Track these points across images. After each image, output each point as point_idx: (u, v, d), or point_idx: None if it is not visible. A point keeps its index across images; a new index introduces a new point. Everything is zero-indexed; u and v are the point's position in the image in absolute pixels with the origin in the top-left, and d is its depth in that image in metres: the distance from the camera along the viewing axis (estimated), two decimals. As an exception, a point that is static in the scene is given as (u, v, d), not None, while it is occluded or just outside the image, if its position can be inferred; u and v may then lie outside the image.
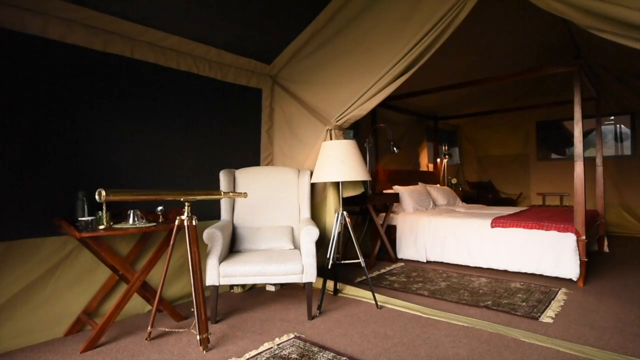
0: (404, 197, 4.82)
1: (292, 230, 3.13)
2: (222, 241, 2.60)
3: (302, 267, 2.59)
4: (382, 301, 2.91)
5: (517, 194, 7.25)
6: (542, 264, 3.44)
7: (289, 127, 3.74)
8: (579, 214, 3.34)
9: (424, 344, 2.19)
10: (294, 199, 3.27)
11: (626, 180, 6.08)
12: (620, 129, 6.30)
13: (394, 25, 2.99)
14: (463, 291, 3.16)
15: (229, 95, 3.49)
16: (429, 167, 6.79)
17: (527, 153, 7.26)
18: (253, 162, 3.69)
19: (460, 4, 2.63)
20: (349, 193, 3.36)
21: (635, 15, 1.95)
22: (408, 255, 4.37)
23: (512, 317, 2.59)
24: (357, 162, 2.87)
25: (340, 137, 3.40)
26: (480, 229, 3.88)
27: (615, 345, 2.13)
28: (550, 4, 2.27)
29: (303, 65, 3.58)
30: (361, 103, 3.18)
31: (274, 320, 2.60)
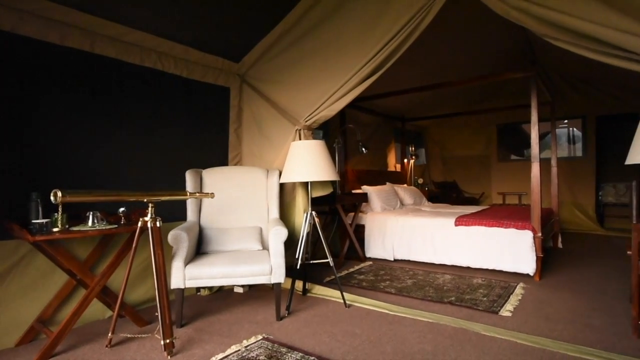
0: (372, 197, 4.90)
1: (260, 230, 3.10)
2: (188, 243, 2.53)
3: (270, 268, 2.57)
4: (350, 300, 2.94)
5: (480, 193, 7.54)
6: (502, 260, 3.61)
7: (257, 126, 3.71)
8: (535, 212, 3.53)
9: (390, 341, 2.23)
10: (262, 199, 3.24)
11: (578, 180, 6.47)
12: (573, 132, 6.70)
13: (362, 28, 3.03)
14: (428, 288, 3.25)
15: (196, 93, 3.42)
16: (396, 168, 6.93)
17: (489, 154, 7.57)
18: (221, 162, 3.63)
19: (426, 9, 2.70)
20: (318, 193, 3.38)
21: (586, 25, 2.09)
22: (376, 254, 4.44)
23: (474, 311, 2.69)
24: (326, 162, 2.89)
25: (309, 137, 3.41)
26: (444, 227, 4.01)
27: (567, 336, 2.26)
28: (509, 11, 2.38)
29: (272, 65, 3.56)
30: (330, 103, 3.20)
31: (242, 322, 2.57)
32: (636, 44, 1.96)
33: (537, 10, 2.23)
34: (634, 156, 1.61)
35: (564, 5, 2.14)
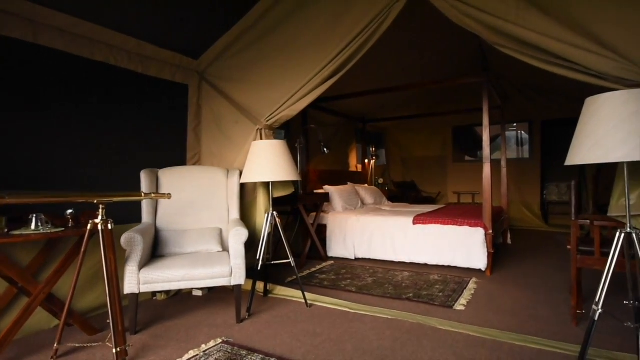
0: (334, 197, 4.95)
1: (220, 232, 3.04)
2: (143, 245, 2.43)
3: (230, 270, 2.53)
4: (312, 299, 2.95)
5: (437, 192, 7.83)
6: (457, 257, 3.77)
7: (217, 125, 3.63)
8: (487, 210, 3.72)
9: (350, 339, 2.27)
10: (222, 199, 3.17)
11: (525, 180, 6.90)
12: (521, 135, 7.13)
13: (323, 29, 3.05)
14: (388, 285, 3.34)
15: (152, 90, 3.29)
16: (357, 168, 7.05)
17: (445, 155, 7.89)
18: (179, 161, 3.51)
19: (386, 12, 2.77)
20: (279, 193, 3.36)
21: (531, 35, 2.23)
22: (338, 253, 4.49)
23: (430, 307, 2.79)
24: (288, 162, 2.88)
25: (270, 137, 3.38)
26: (403, 226, 4.13)
27: (514, 326, 2.41)
28: (462, 19, 2.49)
29: (233, 63, 3.50)
30: (292, 103, 3.20)
31: (200, 326, 2.51)
32: (574, 54, 2.13)
33: (487, 18, 2.36)
34: (572, 158, 1.75)
35: (512, 16, 2.28)
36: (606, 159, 1.60)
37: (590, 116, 1.70)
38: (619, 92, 1.65)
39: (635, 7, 2.03)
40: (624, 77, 2.03)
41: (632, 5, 2.03)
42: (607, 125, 1.61)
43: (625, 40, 2.05)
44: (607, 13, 2.10)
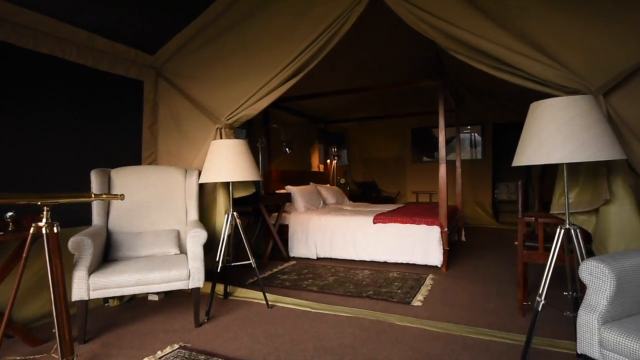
0: (296, 197, 4.94)
1: (178, 233, 2.94)
2: (93, 249, 2.30)
3: (188, 273, 2.46)
4: (273, 300, 2.93)
5: (396, 192, 8.05)
6: (415, 254, 3.90)
7: (175, 124, 3.51)
8: (442, 209, 3.88)
9: (311, 338, 2.28)
10: (180, 200, 3.08)
11: (478, 180, 7.25)
12: (474, 137, 7.49)
13: (285, 29, 3.04)
14: (349, 284, 3.38)
15: (103, 85, 3.12)
16: (319, 168, 7.09)
17: (404, 156, 8.12)
18: (133, 161, 3.36)
19: (346, 15, 2.81)
20: (240, 193, 3.31)
21: (482, 42, 2.35)
22: (300, 253, 4.49)
23: (389, 303, 2.87)
24: (248, 162, 2.84)
25: (231, 136, 3.32)
26: (364, 225, 4.20)
27: (467, 320, 2.52)
28: (418, 24, 2.59)
29: (192, 60, 3.40)
30: (252, 103, 3.16)
31: (156, 332, 2.41)
32: (521, 61, 2.27)
33: (441, 24, 2.47)
34: (518, 159, 1.86)
35: (464, 23, 2.39)
36: (548, 160, 1.71)
37: (534, 120, 1.82)
38: (559, 98, 1.78)
39: (574, 21, 2.20)
40: (564, 85, 2.19)
41: (571, 19, 2.20)
42: (549, 129, 1.73)
43: (566, 51, 2.22)
44: (551, 26, 2.26)
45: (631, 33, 2.06)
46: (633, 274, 1.51)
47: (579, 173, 2.18)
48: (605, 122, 1.74)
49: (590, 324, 1.46)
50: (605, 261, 1.50)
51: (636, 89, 2.07)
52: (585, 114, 1.71)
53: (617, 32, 2.09)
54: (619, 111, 2.09)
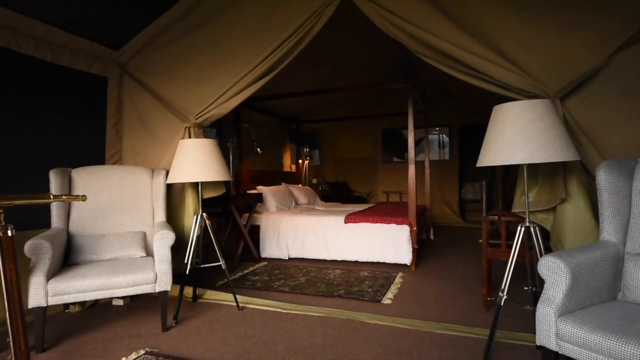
0: (267, 197, 4.91)
1: (144, 235, 2.85)
2: (52, 253, 2.19)
3: (155, 276, 2.38)
4: (243, 302, 2.89)
5: (367, 192, 8.15)
6: (385, 253, 3.96)
7: (141, 122, 3.40)
8: (412, 208, 3.96)
9: (282, 339, 2.27)
10: (147, 201, 2.98)
11: (446, 179, 7.47)
12: (442, 138, 7.70)
13: (256, 27, 3.01)
14: (320, 284, 3.40)
15: (64, 81, 2.98)
16: (291, 168, 7.07)
17: (375, 156, 8.23)
18: (97, 160, 3.23)
19: (318, 15, 2.82)
20: (209, 194, 3.24)
21: (448, 46, 2.42)
22: (271, 254, 4.46)
23: (360, 302, 2.90)
24: (218, 161, 2.79)
25: (200, 135, 3.26)
26: (335, 225, 4.23)
27: (435, 316, 2.59)
28: (388, 27, 2.63)
29: (159, 56, 3.30)
30: (222, 102, 3.11)
31: (121, 338, 2.33)
32: (485, 66, 2.35)
33: (410, 28, 2.52)
34: (481, 160, 1.93)
35: (431, 27, 2.46)
36: (509, 161, 1.79)
37: (496, 122, 1.90)
38: (520, 102, 1.86)
39: (533, 29, 2.30)
40: (525, 89, 2.29)
41: (531, 28, 2.31)
42: (510, 131, 1.81)
43: (526, 57, 2.32)
44: (512, 33, 2.35)
45: (585, 42, 2.19)
46: (587, 268, 1.60)
47: (538, 173, 2.29)
48: (562, 125, 1.84)
49: (547, 317, 1.54)
50: (561, 257, 1.58)
51: (589, 95, 2.20)
52: (543, 117, 1.80)
53: (572, 41, 2.22)
54: (574, 115, 2.22)
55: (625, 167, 1.81)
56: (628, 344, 1.28)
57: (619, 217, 1.78)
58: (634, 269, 1.64)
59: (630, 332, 1.32)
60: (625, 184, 1.79)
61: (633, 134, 2.15)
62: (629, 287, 1.65)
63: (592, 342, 1.37)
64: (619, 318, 1.45)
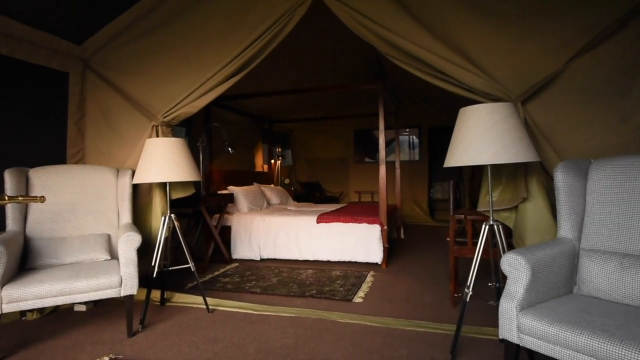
0: (239, 198, 4.84)
1: (109, 238, 2.75)
2: (6, 258, 2.07)
3: (120, 279, 2.30)
4: (214, 304, 2.84)
5: (340, 192, 8.21)
6: (357, 252, 4.00)
7: (105, 120, 3.27)
8: (382, 208, 4.03)
9: (253, 341, 2.24)
10: (111, 202, 2.87)
11: (415, 180, 7.63)
12: (413, 139, 7.86)
13: (226, 25, 2.97)
14: (292, 284, 3.39)
15: (20, 76, 2.82)
16: (264, 168, 7.01)
17: (347, 156, 8.30)
18: (57, 159, 3.08)
19: (288, 16, 2.81)
20: (178, 194, 3.16)
21: (418, 50, 2.48)
22: (243, 255, 4.41)
23: (332, 302, 2.92)
24: (187, 161, 2.72)
25: (168, 134, 3.17)
26: (308, 225, 4.23)
27: (405, 313, 2.65)
28: (358, 28, 2.67)
29: (125, 52, 3.20)
30: (192, 100, 3.04)
31: (83, 345, 2.23)
32: (452, 69, 2.42)
33: (380, 30, 2.56)
34: (448, 161, 1.99)
35: (401, 30, 2.51)
36: (474, 162, 1.85)
37: (462, 124, 1.96)
38: (484, 105, 1.93)
39: (497, 36, 2.40)
40: (489, 92, 2.38)
41: (496, 35, 2.40)
42: (475, 133, 1.88)
43: (491, 62, 2.41)
44: (478, 39, 2.44)
45: (544, 49, 2.30)
46: (545, 264, 1.68)
47: (501, 173, 2.38)
48: (523, 128, 1.93)
49: (509, 311, 1.61)
50: (522, 253, 1.65)
51: (548, 99, 2.31)
52: (506, 120, 1.88)
53: (533, 48, 2.32)
54: (534, 118, 2.32)
55: (580, 168, 1.92)
56: (582, 334, 1.35)
57: (574, 215, 1.89)
58: (588, 263, 1.74)
59: (584, 323, 1.40)
60: (581, 183, 1.90)
61: (588, 136, 2.28)
62: (584, 281, 1.75)
63: (550, 334, 1.44)
64: (574, 310, 1.53)
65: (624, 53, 2.18)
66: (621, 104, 2.20)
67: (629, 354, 1.23)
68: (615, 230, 1.75)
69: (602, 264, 1.69)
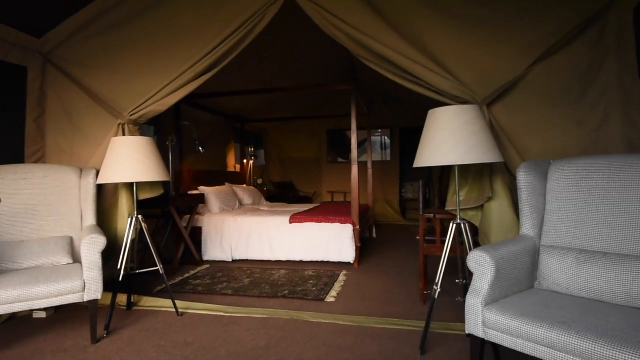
0: (210, 198, 4.76)
1: (71, 241, 2.63)
2: (-43, 263, 1.94)
3: (83, 284, 2.21)
4: (183, 307, 2.78)
5: (313, 192, 8.22)
6: (329, 252, 4.02)
7: (68, 117, 3.13)
8: (355, 208, 4.07)
9: (225, 343, 2.21)
10: (74, 203, 2.75)
11: (387, 180, 7.76)
12: (384, 140, 7.98)
13: (197, 22, 2.91)
14: (264, 285, 3.36)
15: (-28, 69, 2.65)
16: (236, 168, 6.92)
17: (321, 157, 8.33)
18: (14, 158, 2.91)
19: (261, 13, 2.78)
20: (146, 195, 3.06)
21: (388, 52, 2.52)
22: (214, 257, 4.33)
23: (304, 301, 2.92)
24: (155, 160, 2.65)
25: (135, 133, 3.07)
26: (280, 225, 4.21)
27: (377, 311, 2.68)
28: (330, 29, 2.68)
29: (90, 47, 3.07)
30: (160, 98, 2.96)
31: (42, 353, 2.12)
32: (422, 72, 2.48)
33: (351, 31, 2.60)
34: (417, 161, 2.04)
35: (372, 32, 2.54)
36: (442, 162, 1.91)
37: (430, 126, 2.01)
38: (452, 107, 1.98)
39: (465, 40, 2.48)
40: (457, 95, 2.45)
41: (463, 39, 2.48)
42: (443, 134, 1.93)
43: (459, 66, 2.49)
44: (446, 43, 2.51)
45: (508, 54, 2.40)
46: (509, 261, 1.75)
47: (468, 174, 2.46)
48: (488, 129, 2.00)
49: (475, 306, 1.66)
50: (487, 251, 1.71)
51: (511, 102, 2.41)
52: (473, 121, 1.94)
53: (498, 53, 2.42)
54: (499, 120, 2.42)
55: (541, 168, 2.01)
56: (542, 327, 1.42)
57: (536, 213, 1.98)
58: (547, 259, 1.83)
59: (544, 316, 1.47)
60: (541, 183, 1.99)
61: (547, 138, 2.39)
62: (544, 276, 1.83)
63: (512, 328, 1.51)
64: (535, 304, 1.60)
65: (580, 60, 2.30)
66: (578, 107, 2.33)
67: (584, 345, 1.30)
68: (572, 228, 1.84)
69: (560, 260, 1.78)
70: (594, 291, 1.64)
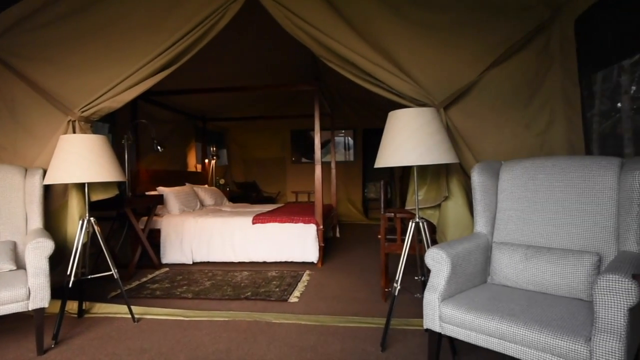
0: (169, 199, 4.60)
1: (14, 245, 2.45)
2: None
3: (27, 291, 2.06)
4: (140, 313, 2.67)
5: (277, 192, 8.17)
6: (293, 252, 4.02)
7: (10, 113, 2.91)
8: (318, 208, 4.09)
9: (184, 348, 2.15)
10: (17, 205, 2.57)
11: (350, 180, 7.86)
12: (348, 140, 8.09)
13: (154, 16, 2.81)
14: (227, 287, 3.30)
15: None
16: (197, 168, 6.74)
17: (284, 156, 8.29)
18: (-54, 156, 2.67)
19: (221, 11, 2.73)
20: (98, 196, 2.91)
21: (350, 53, 2.56)
22: (174, 259, 4.19)
23: (267, 303, 2.89)
24: (108, 160, 2.52)
25: (87, 130, 2.91)
26: (243, 226, 4.15)
27: (339, 310, 2.71)
28: (293, 29, 2.68)
29: (36, 37, 2.87)
30: (115, 94, 2.82)
31: (-19, 368, 1.96)
32: (383, 75, 2.54)
33: (314, 32, 2.61)
34: (378, 161, 2.09)
35: (335, 34, 2.57)
36: (401, 163, 1.96)
37: (390, 127, 2.06)
38: (411, 109, 2.05)
39: (423, 45, 2.57)
40: (416, 98, 2.53)
41: (422, 44, 2.57)
42: (402, 136, 1.98)
43: (417, 70, 2.57)
44: (406, 47, 2.59)
45: (463, 60, 2.51)
46: (463, 257, 1.83)
47: (426, 174, 2.55)
48: (444, 131, 2.08)
49: (432, 302, 1.72)
50: (443, 248, 1.78)
51: (466, 105, 2.53)
52: (430, 123, 2.01)
53: (453, 58, 2.52)
54: (455, 122, 2.52)
55: (493, 169, 2.12)
56: (492, 320, 1.50)
57: (488, 212, 2.08)
58: (498, 255, 1.93)
59: (494, 309, 1.55)
60: (493, 183, 2.10)
61: (499, 140, 2.53)
62: (495, 271, 1.93)
63: (466, 321, 1.58)
64: (487, 298, 1.69)
65: (528, 67, 2.46)
66: (526, 112, 2.48)
67: (530, 334, 1.39)
68: (520, 225, 1.96)
69: (509, 255, 1.88)
70: (540, 284, 1.75)
